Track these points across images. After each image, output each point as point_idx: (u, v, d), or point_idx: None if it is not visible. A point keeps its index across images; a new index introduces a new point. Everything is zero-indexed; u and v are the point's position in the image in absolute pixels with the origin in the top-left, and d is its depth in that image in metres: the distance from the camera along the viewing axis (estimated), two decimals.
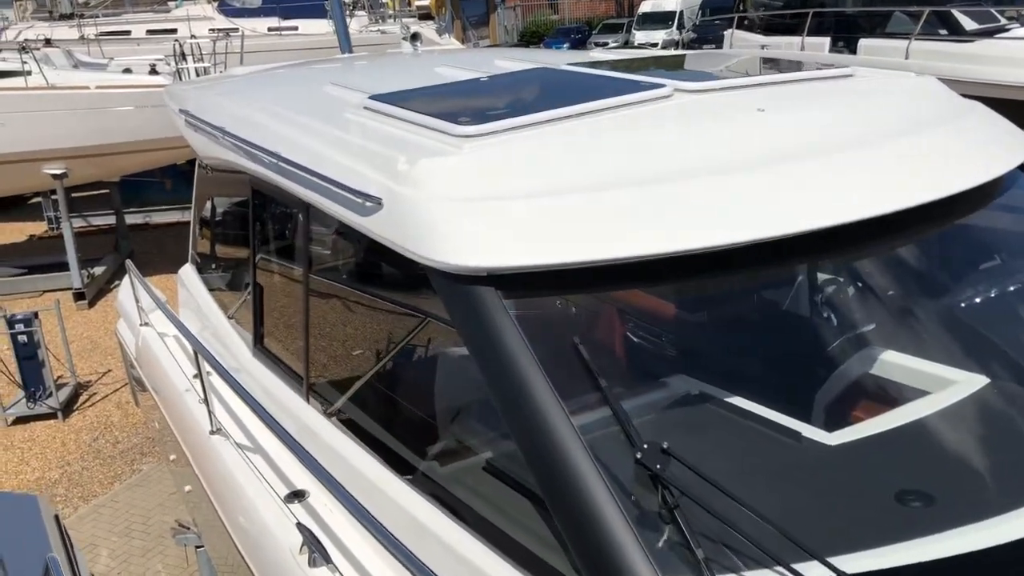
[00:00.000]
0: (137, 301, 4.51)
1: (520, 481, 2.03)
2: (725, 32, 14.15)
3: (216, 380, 3.39)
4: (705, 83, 2.69)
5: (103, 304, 11.06)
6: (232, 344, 3.75)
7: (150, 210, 14.30)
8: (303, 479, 2.81)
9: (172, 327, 4.02)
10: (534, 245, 1.99)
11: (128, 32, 17.54)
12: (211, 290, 4.32)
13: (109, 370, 9.08)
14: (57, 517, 3.23)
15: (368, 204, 2.33)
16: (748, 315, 2.65)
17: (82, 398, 8.47)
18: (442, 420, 2.56)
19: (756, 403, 2.12)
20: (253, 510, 2.80)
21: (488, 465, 2.22)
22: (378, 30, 16.71)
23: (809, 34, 12.35)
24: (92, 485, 7.02)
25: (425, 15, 24.89)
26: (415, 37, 4.47)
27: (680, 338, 2.60)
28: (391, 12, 19.51)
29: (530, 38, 40.47)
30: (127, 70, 11.56)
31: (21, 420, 7.99)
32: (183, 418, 3.64)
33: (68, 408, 8.16)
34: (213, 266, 4.35)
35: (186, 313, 4.50)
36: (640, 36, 32.37)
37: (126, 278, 4.97)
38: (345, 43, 5.09)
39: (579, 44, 34.84)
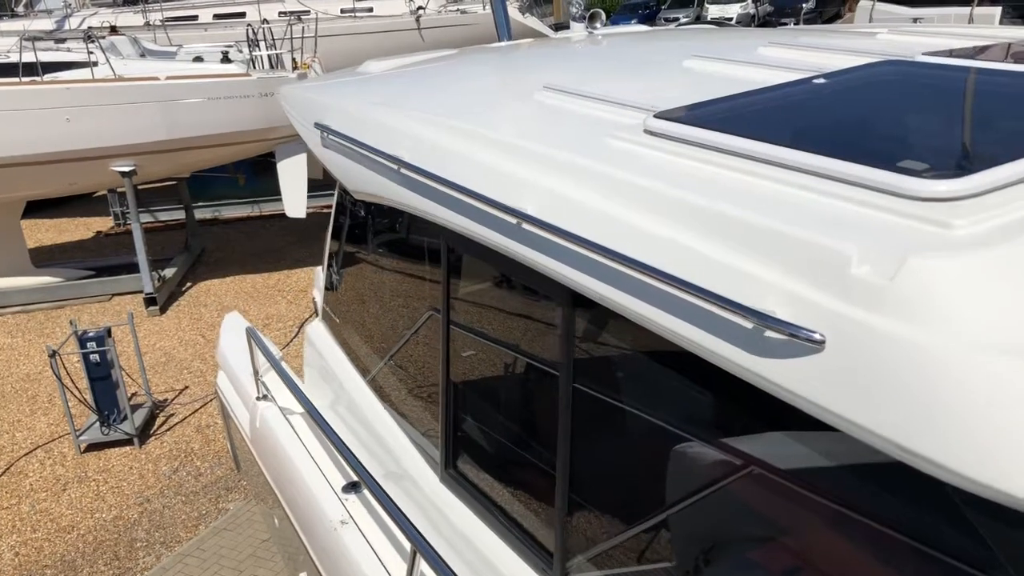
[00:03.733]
0: (256, 372, 3.54)
1: None
2: (861, 4, 12.76)
3: (380, 512, 2.40)
4: None
5: (175, 310, 10.37)
6: (400, 455, 2.75)
7: (219, 204, 13.62)
8: None
9: (295, 401, 3.04)
10: None
11: (195, 17, 16.84)
12: (358, 366, 3.26)
13: (186, 387, 8.36)
14: None
15: (778, 338, 1.29)
16: None
17: (159, 421, 7.75)
18: None
19: None
20: None
21: None
22: (458, 9, 15.72)
23: (980, 3, 10.90)
24: (175, 528, 6.28)
25: None
26: (594, 17, 3.47)
27: None
28: None
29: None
30: (198, 58, 10.79)
31: (94, 447, 7.32)
32: (344, 570, 2.62)
33: (144, 433, 7.45)
34: (359, 335, 3.29)
35: (313, 378, 3.53)
36: (714, 10, 31.09)
37: (226, 322, 4.05)
38: (504, 28, 4.08)
39: (647, 20, 33.47)
